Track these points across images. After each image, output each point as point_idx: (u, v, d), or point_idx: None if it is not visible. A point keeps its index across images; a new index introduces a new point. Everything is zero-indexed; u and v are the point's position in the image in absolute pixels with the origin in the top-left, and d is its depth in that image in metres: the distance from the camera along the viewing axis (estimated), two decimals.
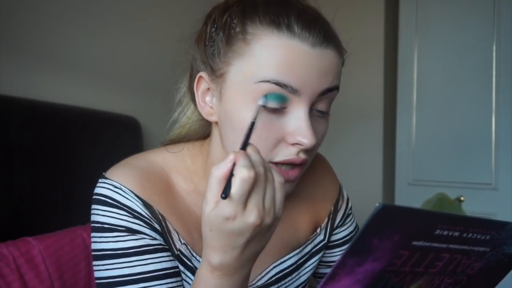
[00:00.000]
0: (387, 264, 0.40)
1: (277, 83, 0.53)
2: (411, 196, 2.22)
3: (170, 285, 0.58)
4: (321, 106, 0.58)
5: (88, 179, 0.64)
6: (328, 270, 0.76)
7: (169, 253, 0.60)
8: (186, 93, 0.69)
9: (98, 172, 0.65)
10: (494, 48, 2.02)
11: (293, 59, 0.53)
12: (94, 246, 0.60)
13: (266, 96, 0.53)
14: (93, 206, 0.61)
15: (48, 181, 1.20)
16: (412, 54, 2.23)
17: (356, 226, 0.80)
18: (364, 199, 1.73)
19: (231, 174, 0.44)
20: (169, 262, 0.59)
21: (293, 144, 0.56)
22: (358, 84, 2.27)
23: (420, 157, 2.21)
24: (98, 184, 0.61)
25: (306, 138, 0.54)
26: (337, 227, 0.76)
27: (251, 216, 0.45)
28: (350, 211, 0.79)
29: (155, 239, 0.59)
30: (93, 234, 0.60)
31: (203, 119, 0.66)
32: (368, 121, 2.30)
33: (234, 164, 0.44)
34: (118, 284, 0.56)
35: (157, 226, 0.60)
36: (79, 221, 1.14)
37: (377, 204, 0.35)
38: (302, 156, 0.57)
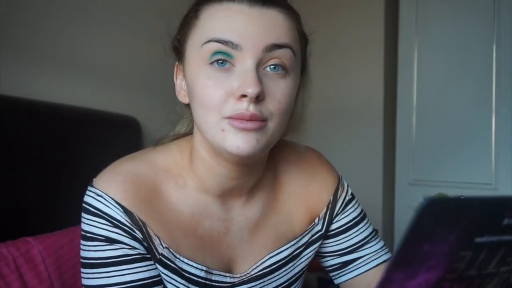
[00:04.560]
0: (447, 271, 0.33)
1: (218, 41, 0.56)
2: (411, 196, 2.22)
3: None
4: (273, 62, 0.57)
5: (88, 179, 0.64)
6: (340, 260, 0.75)
7: (148, 263, 0.61)
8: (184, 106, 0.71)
9: (98, 172, 0.65)
10: (494, 48, 2.02)
11: (232, 18, 0.57)
12: (80, 253, 0.62)
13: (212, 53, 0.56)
14: (81, 214, 0.63)
15: (48, 181, 1.20)
16: (412, 54, 2.22)
17: (361, 212, 0.78)
18: (364, 199, 1.73)
19: None
20: (147, 272, 0.60)
21: (241, 98, 0.56)
22: (358, 84, 2.26)
23: (420, 157, 2.21)
24: (86, 192, 0.63)
25: (249, 87, 0.54)
26: (337, 214, 0.75)
27: None
28: (351, 197, 0.77)
29: (134, 248, 0.60)
30: (80, 242, 0.63)
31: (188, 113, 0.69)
32: (368, 121, 2.30)
33: None
34: None
35: (138, 233, 0.60)
36: (78, 221, 1.13)
37: (421, 200, 0.28)
38: (252, 109, 0.55)
